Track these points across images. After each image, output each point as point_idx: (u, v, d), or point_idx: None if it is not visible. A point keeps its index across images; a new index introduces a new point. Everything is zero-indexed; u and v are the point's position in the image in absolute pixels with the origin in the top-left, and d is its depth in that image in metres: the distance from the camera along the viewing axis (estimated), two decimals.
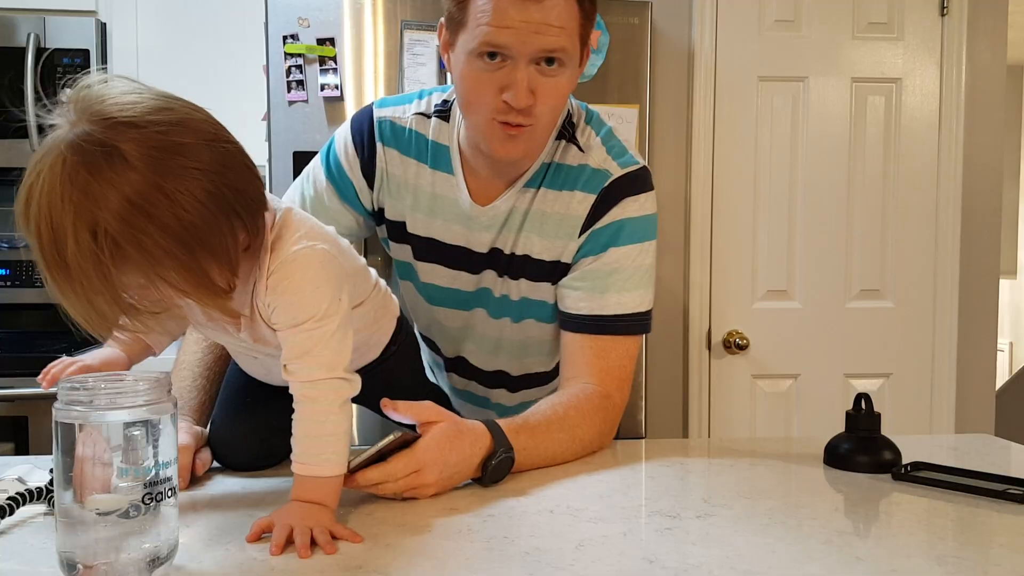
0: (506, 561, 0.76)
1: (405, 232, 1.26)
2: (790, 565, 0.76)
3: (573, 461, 1.12)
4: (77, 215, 0.72)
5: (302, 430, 0.87)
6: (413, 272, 1.29)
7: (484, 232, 1.23)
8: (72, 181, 0.73)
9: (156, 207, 0.74)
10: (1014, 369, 5.06)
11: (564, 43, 1.07)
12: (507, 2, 1.04)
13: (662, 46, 2.61)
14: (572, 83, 1.13)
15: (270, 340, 0.93)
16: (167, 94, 0.80)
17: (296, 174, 2.22)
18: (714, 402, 2.68)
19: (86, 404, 0.70)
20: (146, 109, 0.76)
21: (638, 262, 1.20)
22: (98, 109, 0.76)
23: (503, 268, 1.25)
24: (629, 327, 1.21)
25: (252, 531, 0.82)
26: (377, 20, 2.23)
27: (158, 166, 0.75)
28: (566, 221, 1.20)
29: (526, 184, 1.21)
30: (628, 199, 1.20)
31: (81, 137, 0.74)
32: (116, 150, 0.74)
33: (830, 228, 2.66)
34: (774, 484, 1.04)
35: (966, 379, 2.72)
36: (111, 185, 0.73)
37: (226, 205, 0.79)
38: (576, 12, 1.09)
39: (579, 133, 1.22)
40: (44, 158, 0.75)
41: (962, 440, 1.30)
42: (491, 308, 1.28)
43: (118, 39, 2.57)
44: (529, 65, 1.07)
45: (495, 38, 1.05)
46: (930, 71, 2.66)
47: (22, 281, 2.65)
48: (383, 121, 1.24)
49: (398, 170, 1.24)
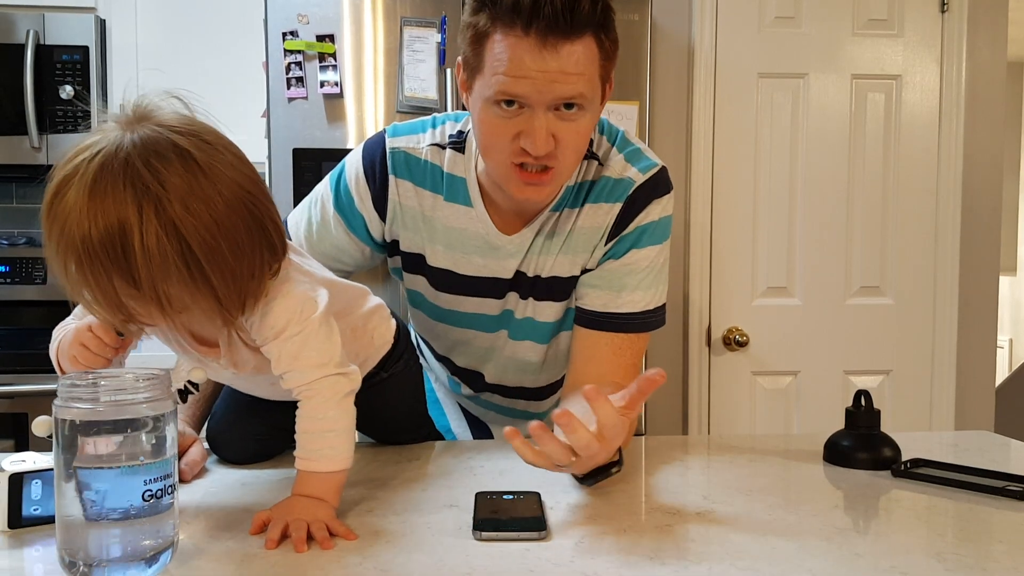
0: (506, 558, 0.76)
1: (423, 264, 1.23)
2: (790, 561, 0.76)
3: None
4: (147, 198, 0.74)
5: (302, 426, 0.87)
6: (430, 301, 1.27)
7: (510, 259, 1.21)
8: (146, 166, 0.75)
9: (216, 210, 0.78)
10: (1014, 366, 5.07)
11: (583, 89, 1.03)
12: (523, 50, 1.00)
13: (662, 43, 2.60)
14: (594, 122, 1.11)
15: (248, 363, 0.93)
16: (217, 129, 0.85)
17: (296, 171, 2.25)
18: (714, 399, 2.68)
19: (86, 401, 0.70)
20: (204, 128, 0.82)
21: (656, 262, 1.21)
22: (160, 117, 0.80)
23: (527, 290, 1.23)
24: (643, 324, 1.21)
25: (253, 524, 0.82)
26: (377, 16, 2.23)
27: (219, 177, 0.79)
28: (593, 233, 1.20)
29: (552, 209, 1.19)
30: (652, 204, 1.20)
31: (152, 134, 0.77)
32: (187, 151, 0.78)
33: (830, 225, 2.66)
34: (774, 481, 1.04)
35: (966, 376, 2.72)
36: (182, 179, 0.76)
37: (261, 228, 0.83)
38: (596, 55, 1.05)
39: (595, 147, 1.21)
40: (102, 145, 0.76)
41: (962, 437, 1.30)
42: (513, 330, 1.27)
43: (117, 36, 2.57)
44: (548, 112, 1.03)
45: (511, 87, 1.02)
46: (930, 68, 2.66)
47: (22, 278, 2.65)
48: (396, 152, 1.21)
49: (412, 202, 1.21)
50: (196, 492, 0.97)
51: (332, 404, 0.87)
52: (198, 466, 1.03)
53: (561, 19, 0.99)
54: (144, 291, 0.76)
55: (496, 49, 1.02)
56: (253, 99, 2.31)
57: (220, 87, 2.33)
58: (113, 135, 0.77)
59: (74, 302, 0.82)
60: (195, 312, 0.82)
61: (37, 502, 0.84)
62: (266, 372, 0.90)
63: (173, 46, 2.57)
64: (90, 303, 0.79)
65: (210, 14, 2.56)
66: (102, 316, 0.82)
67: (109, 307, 0.78)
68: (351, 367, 0.91)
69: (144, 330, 0.87)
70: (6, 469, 0.83)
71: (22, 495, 0.83)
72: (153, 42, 2.57)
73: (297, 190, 2.19)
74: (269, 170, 2.22)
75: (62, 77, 2.49)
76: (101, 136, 0.77)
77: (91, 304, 0.79)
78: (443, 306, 1.26)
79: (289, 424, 0.88)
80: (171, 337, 0.91)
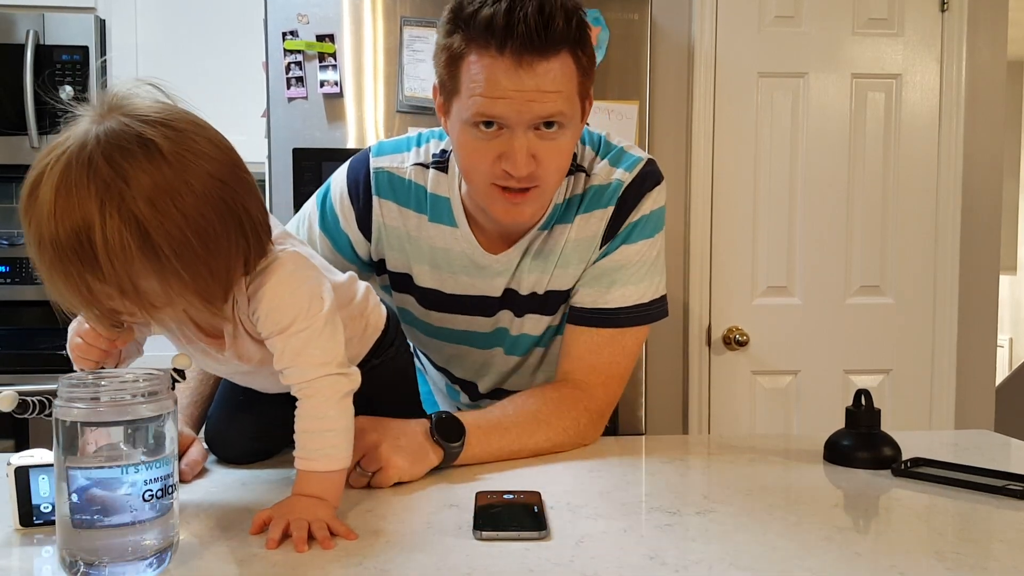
0: (506, 557, 0.76)
1: (411, 284, 1.23)
2: (790, 561, 0.76)
3: (544, 454, 1.12)
4: (108, 196, 0.73)
5: (301, 425, 0.87)
6: (420, 319, 1.27)
7: (497, 278, 1.21)
8: (108, 162, 0.74)
9: (183, 200, 0.76)
10: (1014, 365, 5.06)
11: (561, 107, 1.03)
12: (499, 70, 1.00)
13: (662, 42, 2.60)
14: (575, 139, 1.10)
15: (253, 356, 0.93)
16: (194, 114, 0.83)
17: (296, 171, 2.24)
18: (714, 399, 2.68)
19: (87, 401, 0.70)
20: (178, 116, 0.80)
21: (647, 255, 1.20)
22: (130, 107, 0.78)
23: (522, 308, 1.23)
24: (632, 318, 1.20)
25: (254, 524, 0.82)
26: (376, 16, 2.23)
27: (187, 166, 0.77)
28: (588, 243, 1.19)
29: (540, 228, 1.18)
30: (643, 199, 1.19)
31: (117, 127, 0.76)
32: (153, 143, 0.76)
33: (830, 224, 2.66)
34: (774, 480, 1.04)
35: (966, 375, 2.72)
36: (145, 172, 0.75)
37: (238, 220, 0.81)
38: (573, 72, 1.04)
39: (580, 159, 1.20)
40: (69, 142, 0.76)
41: (962, 436, 1.31)
42: (507, 346, 1.27)
43: (117, 36, 2.57)
44: (527, 131, 1.03)
45: (489, 109, 1.01)
46: (930, 67, 2.66)
47: (22, 278, 2.65)
48: (380, 172, 1.20)
49: (397, 222, 1.20)
50: (196, 492, 0.97)
51: (332, 403, 0.87)
52: (198, 466, 1.03)
53: (536, 37, 0.98)
54: (116, 289, 0.76)
55: (472, 70, 1.02)
56: (253, 99, 2.31)
57: (220, 87, 2.34)
58: (81, 130, 0.76)
59: (54, 301, 0.81)
60: (180, 305, 0.81)
61: (48, 500, 0.83)
62: (269, 364, 0.90)
63: (173, 46, 2.57)
64: (69, 301, 0.79)
65: (210, 14, 2.56)
66: (85, 315, 0.82)
67: (87, 305, 0.79)
68: (352, 368, 0.91)
69: (150, 326, 0.88)
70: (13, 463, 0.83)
71: (30, 490, 0.83)
72: (153, 42, 2.57)
73: (297, 190, 2.19)
74: (269, 170, 2.22)
75: (62, 77, 2.49)
76: (70, 133, 0.77)
77: (70, 303, 0.79)
78: (434, 324, 1.26)
79: (287, 421, 0.88)
80: (175, 330, 0.91)
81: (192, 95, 0.83)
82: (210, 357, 0.95)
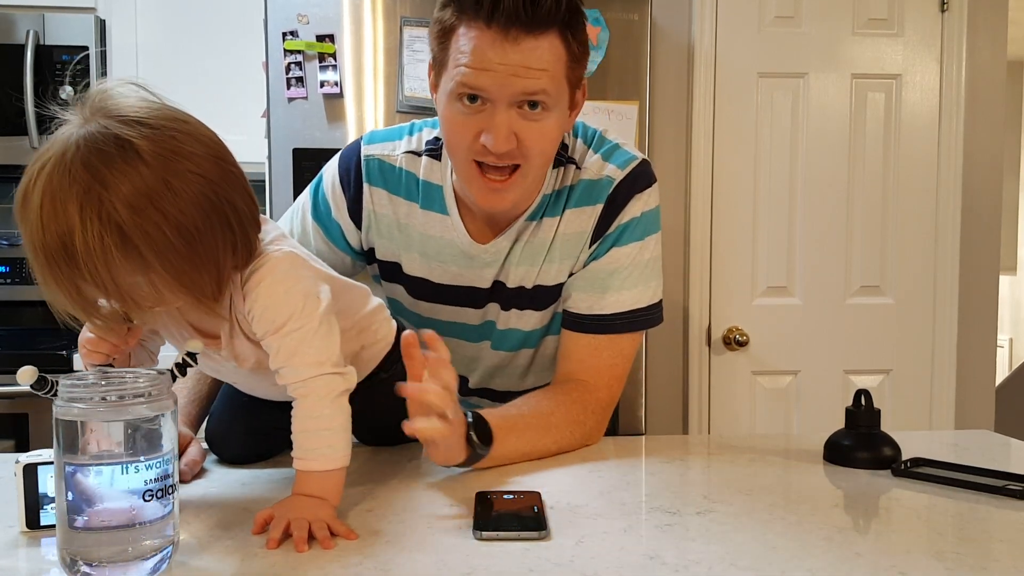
0: (506, 557, 0.76)
1: (400, 273, 1.23)
2: (790, 561, 0.76)
3: (551, 456, 1.12)
4: (87, 201, 0.74)
5: (298, 426, 0.87)
6: (409, 310, 1.27)
7: (486, 268, 1.20)
8: (86, 168, 0.74)
9: (162, 201, 0.76)
10: (1014, 365, 5.06)
11: (545, 85, 1.03)
12: (486, 43, 1.00)
13: (662, 42, 2.60)
14: (561, 126, 1.10)
15: (249, 357, 0.93)
16: (181, 110, 0.83)
17: (296, 171, 2.24)
18: (714, 399, 2.68)
19: (87, 401, 0.70)
20: (160, 114, 0.80)
21: (638, 259, 1.19)
22: (113, 107, 0.79)
23: (509, 301, 1.22)
24: (628, 324, 1.20)
25: (255, 524, 0.82)
26: (376, 16, 2.23)
27: (167, 165, 0.77)
28: (577, 239, 1.19)
29: (528, 218, 1.18)
30: (633, 200, 1.18)
31: (96, 130, 0.76)
32: (131, 144, 0.76)
33: (830, 224, 2.66)
34: (774, 480, 1.04)
35: (966, 375, 2.72)
36: (123, 175, 0.75)
37: (223, 216, 0.81)
38: (562, 54, 1.04)
39: (571, 151, 1.20)
40: (53, 149, 0.76)
41: (962, 436, 1.31)
42: (495, 340, 1.26)
43: (117, 36, 2.57)
44: (510, 108, 1.03)
45: (473, 80, 1.02)
46: (930, 67, 2.66)
47: (22, 278, 2.65)
48: (371, 160, 1.21)
49: (387, 210, 1.21)
50: (196, 492, 0.97)
51: (327, 402, 0.87)
52: (198, 465, 1.04)
53: (523, 12, 1.00)
54: (103, 291, 0.77)
55: (460, 42, 1.03)
56: (253, 99, 2.31)
57: (220, 87, 2.34)
58: (63, 136, 0.77)
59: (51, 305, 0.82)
60: (171, 303, 0.82)
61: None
62: (267, 369, 0.90)
63: (173, 46, 2.57)
64: (64, 306, 0.80)
65: (210, 14, 2.56)
66: (83, 320, 0.83)
67: (81, 308, 0.80)
68: (347, 368, 0.90)
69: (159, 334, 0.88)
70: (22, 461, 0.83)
71: (38, 491, 0.82)
72: (153, 42, 2.57)
73: (297, 190, 2.19)
74: (269, 170, 2.22)
75: (62, 77, 2.49)
76: (54, 139, 0.78)
77: (65, 307, 0.80)
78: (423, 314, 1.26)
79: (287, 422, 0.88)
80: (173, 332, 0.92)
81: (192, 95, 0.83)
82: (208, 358, 0.95)
